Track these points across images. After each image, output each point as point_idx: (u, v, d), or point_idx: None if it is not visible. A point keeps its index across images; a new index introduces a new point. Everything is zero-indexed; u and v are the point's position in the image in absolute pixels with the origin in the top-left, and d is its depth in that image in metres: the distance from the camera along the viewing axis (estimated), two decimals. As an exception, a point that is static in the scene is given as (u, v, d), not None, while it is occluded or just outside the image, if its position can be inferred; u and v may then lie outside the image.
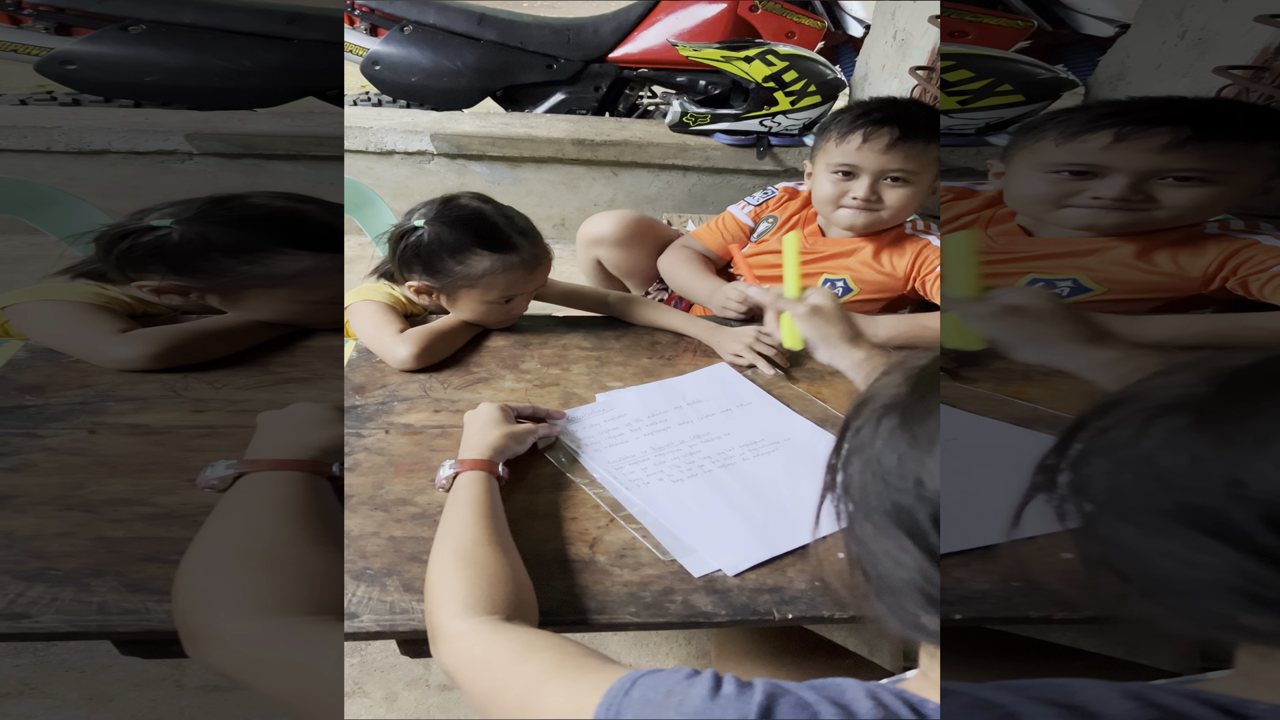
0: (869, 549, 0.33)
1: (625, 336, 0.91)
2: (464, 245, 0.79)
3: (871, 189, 0.96)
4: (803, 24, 2.14)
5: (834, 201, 0.99)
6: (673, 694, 0.33)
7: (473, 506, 0.54)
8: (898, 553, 0.31)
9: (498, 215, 0.82)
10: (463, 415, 0.73)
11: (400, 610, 0.53)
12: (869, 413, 0.34)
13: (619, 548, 0.59)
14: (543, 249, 0.84)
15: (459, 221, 0.80)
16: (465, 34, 2.14)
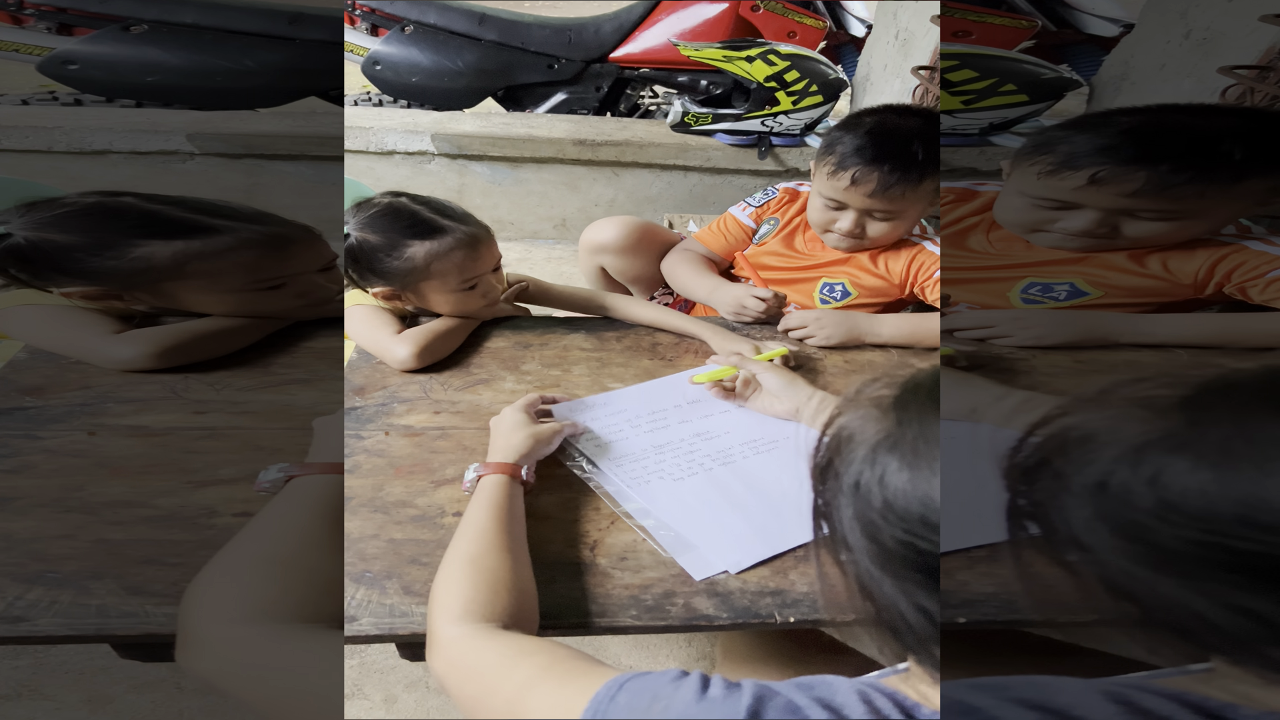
0: (888, 598, 0.32)
1: (626, 337, 0.91)
2: (392, 241, 0.79)
3: (856, 223, 0.96)
4: (804, 24, 2.14)
5: (821, 226, 1.01)
6: (658, 698, 0.32)
7: (490, 511, 0.54)
8: (917, 593, 0.30)
9: (413, 204, 0.82)
10: (463, 417, 0.73)
11: (400, 613, 0.52)
12: (859, 455, 0.33)
13: (620, 550, 0.59)
14: (476, 226, 0.84)
15: (376, 220, 0.80)
16: (466, 34, 2.14)
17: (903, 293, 1.02)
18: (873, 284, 1.02)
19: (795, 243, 1.09)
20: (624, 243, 1.18)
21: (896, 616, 0.31)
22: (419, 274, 0.80)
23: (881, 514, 0.31)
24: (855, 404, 0.35)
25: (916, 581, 0.30)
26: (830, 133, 0.96)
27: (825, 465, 0.35)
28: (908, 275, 1.00)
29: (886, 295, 1.03)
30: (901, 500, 0.30)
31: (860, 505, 0.32)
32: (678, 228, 1.81)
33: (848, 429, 0.34)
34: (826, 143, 0.95)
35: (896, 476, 0.31)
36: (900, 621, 0.31)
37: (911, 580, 0.30)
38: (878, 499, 0.31)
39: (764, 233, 1.13)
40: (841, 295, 1.04)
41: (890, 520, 0.30)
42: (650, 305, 0.96)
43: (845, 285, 1.04)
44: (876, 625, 0.33)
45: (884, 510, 0.31)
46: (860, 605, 0.34)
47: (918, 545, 0.29)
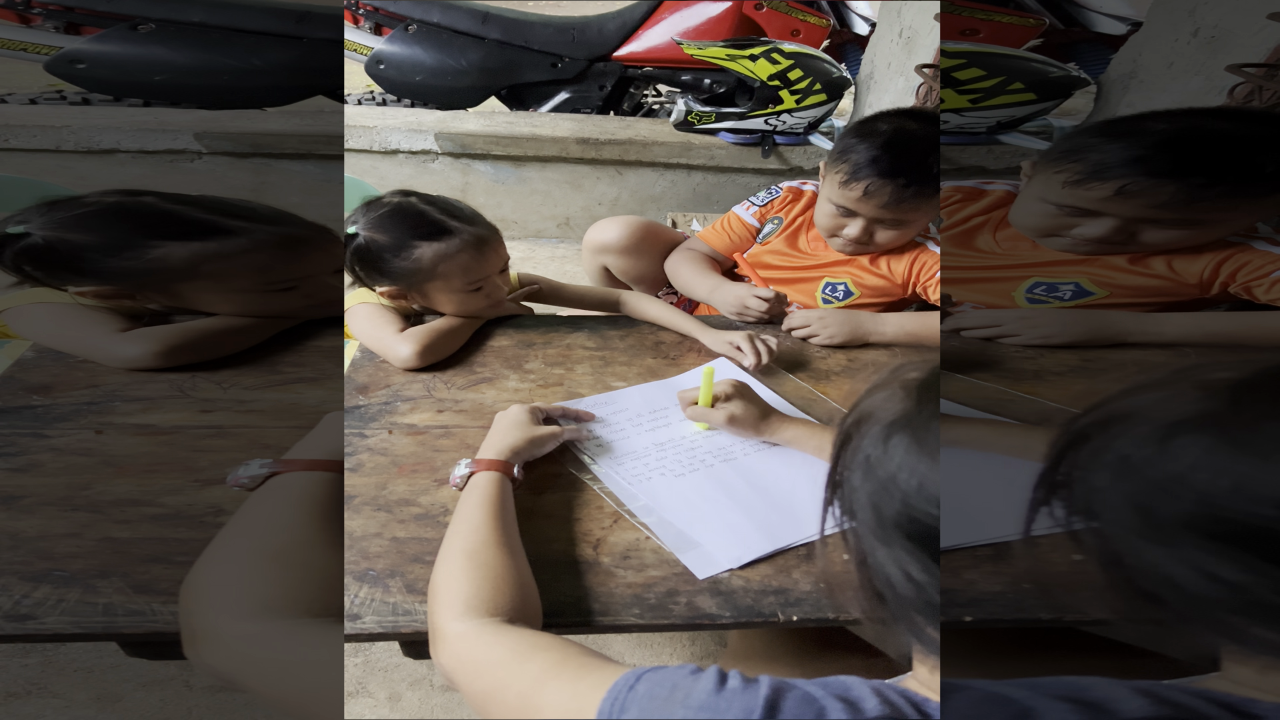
0: (881, 564, 0.33)
1: (629, 336, 0.91)
2: (400, 242, 0.79)
3: (865, 231, 0.96)
4: (808, 22, 2.13)
5: (828, 231, 1.01)
6: (678, 688, 0.33)
7: (484, 507, 0.54)
8: (910, 564, 0.31)
9: (422, 204, 0.82)
10: (466, 415, 0.73)
11: (403, 611, 0.53)
12: (873, 432, 0.34)
13: (623, 549, 0.59)
14: (484, 227, 0.84)
15: (384, 220, 0.80)
16: (470, 33, 2.14)
17: (905, 293, 1.02)
18: (875, 284, 1.02)
19: (798, 242, 1.09)
20: (627, 243, 1.18)
21: (885, 583, 0.32)
22: (425, 275, 0.80)
23: (884, 485, 0.32)
24: (885, 385, 0.36)
25: (908, 550, 0.31)
26: (843, 139, 0.94)
27: (844, 440, 0.36)
28: (910, 275, 1.00)
29: (889, 295, 1.03)
30: (905, 474, 0.31)
31: (868, 477, 0.33)
32: (681, 226, 1.81)
33: (870, 407, 0.36)
34: (839, 149, 0.94)
35: (905, 452, 0.32)
36: (888, 588, 0.32)
37: (903, 548, 0.31)
38: (884, 471, 0.32)
39: (767, 232, 1.12)
40: (844, 295, 1.04)
41: (892, 491, 0.32)
42: (660, 303, 0.96)
43: (848, 285, 1.03)
44: (867, 593, 0.34)
45: (887, 482, 0.32)
46: (856, 574, 0.35)
47: (914, 516, 0.31)
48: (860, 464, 0.34)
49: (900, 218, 0.93)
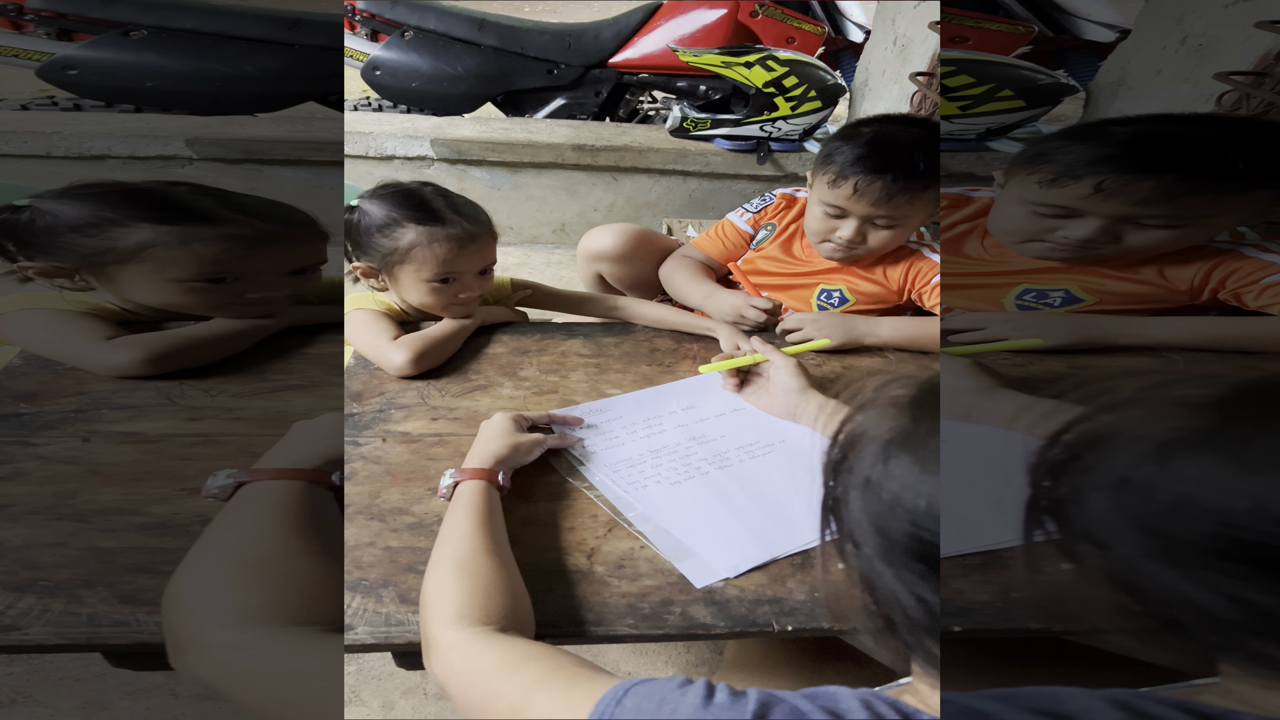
0: (890, 589, 0.32)
1: (624, 343, 0.91)
2: (392, 220, 0.79)
3: (857, 231, 0.96)
4: (803, 29, 2.15)
5: (819, 235, 1.00)
6: (666, 701, 0.33)
7: (472, 516, 0.54)
8: (920, 586, 0.31)
9: (434, 194, 0.82)
10: (460, 423, 0.72)
11: (396, 622, 0.52)
12: (869, 452, 0.34)
13: (617, 558, 0.59)
14: (481, 227, 0.83)
15: (389, 196, 0.80)
16: (466, 39, 2.15)
17: (900, 299, 1.02)
18: (870, 290, 1.02)
19: (793, 248, 1.09)
20: (621, 250, 1.18)
21: (895, 608, 0.32)
22: (400, 256, 0.80)
23: (890, 507, 0.32)
24: (873, 403, 0.36)
25: (918, 573, 0.31)
26: (828, 143, 0.95)
27: (839, 461, 0.36)
28: (905, 281, 1.00)
29: (884, 302, 1.03)
30: (909, 495, 0.31)
31: (870, 500, 0.33)
32: (676, 233, 1.81)
33: (862, 426, 0.35)
34: (825, 153, 0.95)
35: (907, 472, 0.32)
36: (899, 613, 0.32)
37: (913, 571, 0.31)
38: (887, 493, 0.32)
39: (761, 238, 1.13)
40: (839, 301, 1.04)
41: (898, 514, 0.31)
42: (659, 305, 0.96)
43: (843, 291, 1.04)
44: (874, 618, 0.34)
45: (892, 504, 0.32)
46: (862, 598, 0.34)
47: (922, 538, 0.30)
48: (859, 485, 0.34)
49: (892, 215, 0.93)
